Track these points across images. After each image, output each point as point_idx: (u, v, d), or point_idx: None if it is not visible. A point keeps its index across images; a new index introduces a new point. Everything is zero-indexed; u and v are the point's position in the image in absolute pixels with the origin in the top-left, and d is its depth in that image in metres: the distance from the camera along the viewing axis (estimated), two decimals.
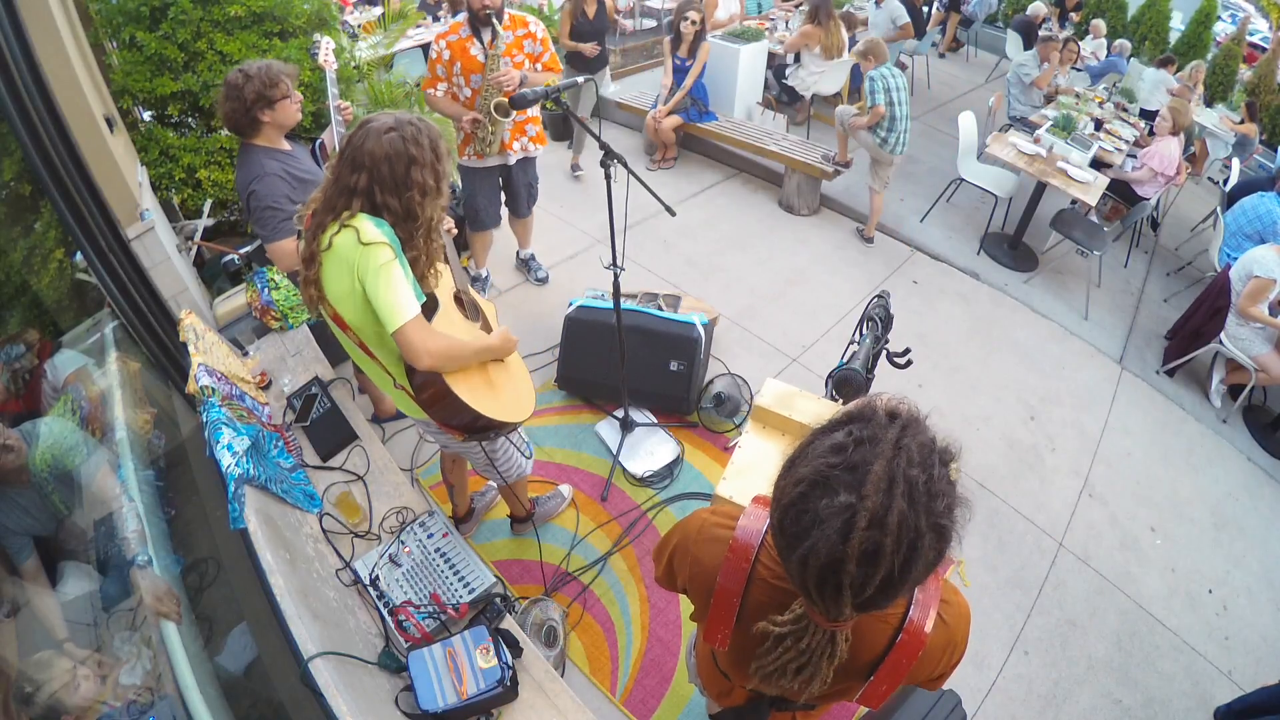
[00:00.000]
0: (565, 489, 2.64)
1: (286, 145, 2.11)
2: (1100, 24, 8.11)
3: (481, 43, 2.78)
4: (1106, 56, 7.42)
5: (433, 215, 1.49)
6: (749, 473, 1.91)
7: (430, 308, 1.53)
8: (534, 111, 3.06)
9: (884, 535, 0.68)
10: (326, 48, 2.40)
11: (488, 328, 1.80)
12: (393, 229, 1.43)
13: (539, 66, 2.90)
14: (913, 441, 0.72)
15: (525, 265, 3.87)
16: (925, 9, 7.16)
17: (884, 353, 2.20)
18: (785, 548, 0.77)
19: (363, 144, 1.38)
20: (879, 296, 2.31)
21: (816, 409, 1.96)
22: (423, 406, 1.58)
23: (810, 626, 0.83)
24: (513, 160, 3.11)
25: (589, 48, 4.40)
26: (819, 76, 5.44)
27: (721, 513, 1.05)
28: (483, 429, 1.65)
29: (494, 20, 2.68)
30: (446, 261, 1.70)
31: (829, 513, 0.70)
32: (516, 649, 1.67)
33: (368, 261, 1.37)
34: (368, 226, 1.39)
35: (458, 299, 1.75)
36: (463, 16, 2.83)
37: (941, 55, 8.42)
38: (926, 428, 0.76)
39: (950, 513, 0.72)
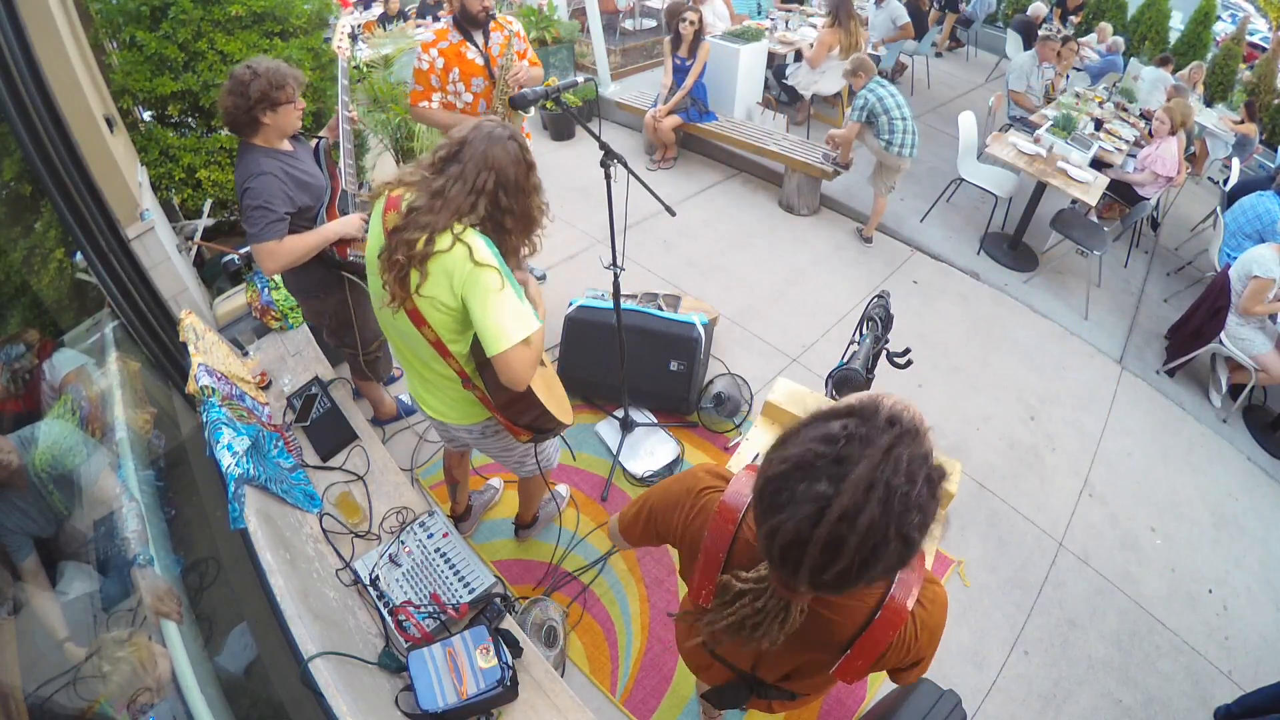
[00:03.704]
0: (563, 489, 2.64)
1: (287, 146, 2.05)
2: (1107, 27, 8.09)
3: (476, 45, 2.77)
4: (1105, 56, 7.42)
5: (540, 214, 1.55)
6: None
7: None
8: None
9: (850, 532, 0.70)
10: (341, 31, 2.32)
11: None
12: (502, 236, 1.47)
13: (525, 64, 2.90)
14: (905, 451, 0.72)
15: None
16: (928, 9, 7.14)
17: (884, 352, 2.20)
18: (760, 515, 0.80)
19: (486, 149, 1.40)
20: (879, 296, 2.31)
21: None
22: (499, 407, 1.61)
23: (769, 588, 0.87)
24: None
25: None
26: (819, 76, 5.44)
27: (715, 473, 1.07)
28: (545, 427, 1.71)
29: (491, 19, 2.69)
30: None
31: (805, 497, 0.73)
32: (516, 649, 1.68)
33: (476, 281, 1.38)
34: (481, 245, 1.40)
35: None
36: (446, 23, 2.79)
37: (939, 54, 8.41)
38: (924, 441, 0.74)
39: (923, 528, 0.73)
